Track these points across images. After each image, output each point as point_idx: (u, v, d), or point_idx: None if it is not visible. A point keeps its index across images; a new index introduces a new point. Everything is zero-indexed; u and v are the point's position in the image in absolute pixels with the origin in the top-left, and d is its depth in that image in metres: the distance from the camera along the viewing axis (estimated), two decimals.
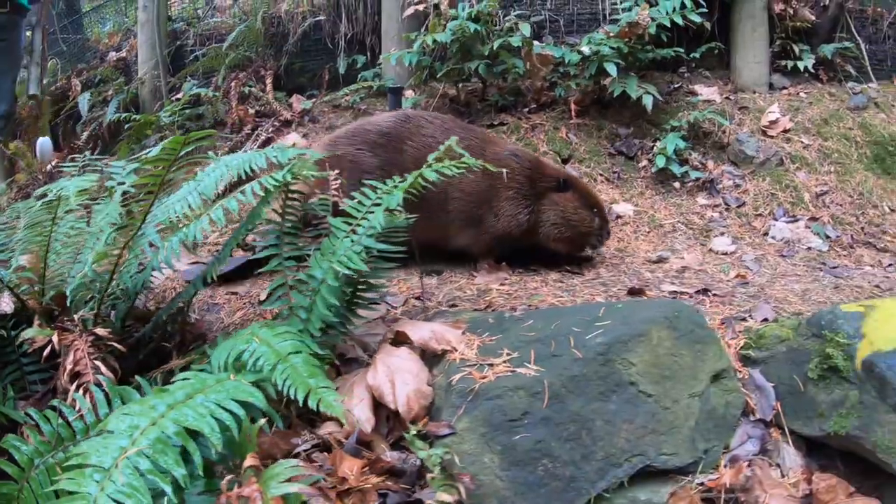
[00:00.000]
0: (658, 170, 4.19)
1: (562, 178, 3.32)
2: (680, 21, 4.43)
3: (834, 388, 2.16)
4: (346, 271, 2.22)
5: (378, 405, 2.15)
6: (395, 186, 2.41)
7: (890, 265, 3.80)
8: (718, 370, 2.23)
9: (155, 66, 6.00)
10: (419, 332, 2.36)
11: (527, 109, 4.73)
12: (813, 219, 4.08)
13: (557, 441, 1.95)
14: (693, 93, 4.81)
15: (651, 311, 2.24)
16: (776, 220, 4.03)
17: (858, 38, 5.63)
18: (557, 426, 1.96)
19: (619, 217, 3.93)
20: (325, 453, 2.00)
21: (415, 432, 2.03)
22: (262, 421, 1.79)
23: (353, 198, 2.48)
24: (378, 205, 2.39)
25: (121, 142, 5.53)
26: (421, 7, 4.84)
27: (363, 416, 2.10)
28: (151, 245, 2.29)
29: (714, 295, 2.95)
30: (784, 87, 5.14)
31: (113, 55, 6.84)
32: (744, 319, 2.64)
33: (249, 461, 1.63)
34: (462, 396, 2.04)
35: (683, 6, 4.47)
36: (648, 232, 3.87)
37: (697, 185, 4.25)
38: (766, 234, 3.96)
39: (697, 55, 5.04)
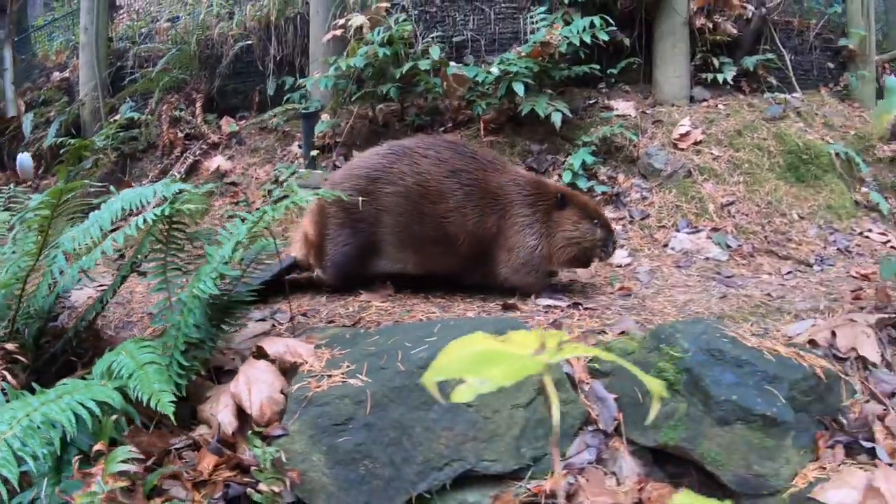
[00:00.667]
0: (566, 185, 4.40)
1: (559, 194, 3.29)
2: (589, 40, 4.65)
3: (668, 401, 2.35)
4: (202, 294, 2.47)
5: (241, 410, 2.41)
6: (244, 221, 2.64)
7: (789, 272, 3.99)
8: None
9: (95, 88, 6.24)
10: (275, 346, 2.60)
11: (443, 129, 4.96)
12: (715, 229, 4.28)
13: (378, 445, 2.16)
14: (609, 108, 5.03)
15: (481, 328, 2.44)
16: (678, 231, 4.24)
17: (783, 49, 5.87)
18: (379, 431, 2.17)
19: None
20: (196, 451, 2.32)
21: (255, 433, 2.31)
22: (116, 416, 2.14)
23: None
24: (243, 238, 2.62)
25: (59, 164, 5.76)
26: (339, 32, 5.06)
27: (226, 420, 2.38)
28: (62, 272, 2.66)
29: (586, 308, 3.14)
30: (704, 100, 5.37)
31: (57, 75, 7.08)
32: (602, 332, 2.82)
33: (99, 447, 2.01)
34: (298, 403, 2.29)
35: (593, 25, 4.70)
36: None
37: (605, 199, 4.47)
38: (666, 245, 4.15)
39: (616, 71, 5.27)
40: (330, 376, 2.35)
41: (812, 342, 2.66)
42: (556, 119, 4.51)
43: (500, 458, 2.24)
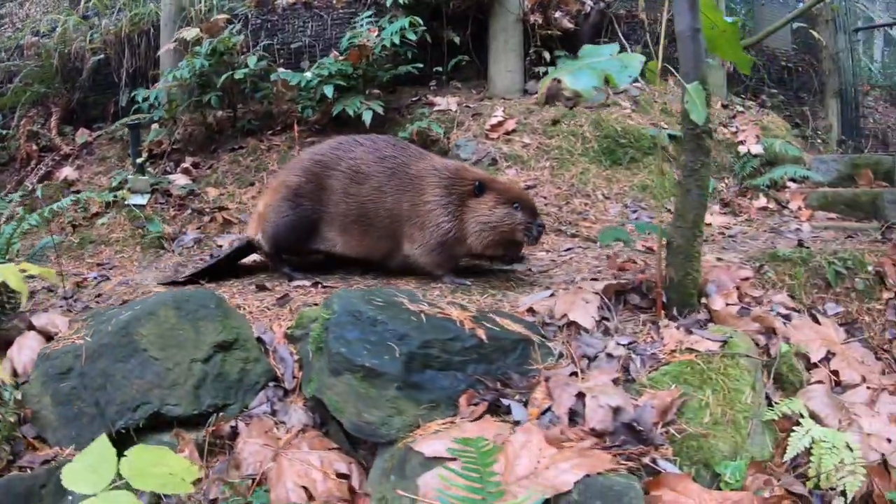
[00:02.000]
0: None
1: (477, 181, 3.43)
2: (398, 41, 5.15)
3: (315, 358, 2.76)
4: None
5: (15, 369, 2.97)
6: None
7: (568, 249, 4.42)
8: (224, 341, 2.87)
9: None
10: (40, 320, 3.15)
11: (270, 132, 5.46)
12: None
13: (88, 389, 2.68)
14: (431, 104, 5.53)
15: (167, 297, 2.94)
16: None
17: (626, 41, 6.36)
18: (90, 378, 2.69)
19: None
20: None
21: (15, 383, 2.85)
22: None
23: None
24: None
25: None
26: (172, 45, 5.58)
27: (5, 376, 2.87)
28: None
29: (324, 286, 3.61)
30: (536, 93, 5.88)
31: None
32: (315, 305, 3.28)
33: None
34: (41, 359, 2.85)
35: (403, 28, 5.21)
36: None
37: None
38: None
39: (448, 69, 5.77)
40: (69, 338, 2.89)
41: (531, 310, 3.10)
42: (367, 117, 5.00)
43: (180, 404, 2.70)
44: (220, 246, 4.66)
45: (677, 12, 2.90)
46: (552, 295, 3.23)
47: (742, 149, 5.93)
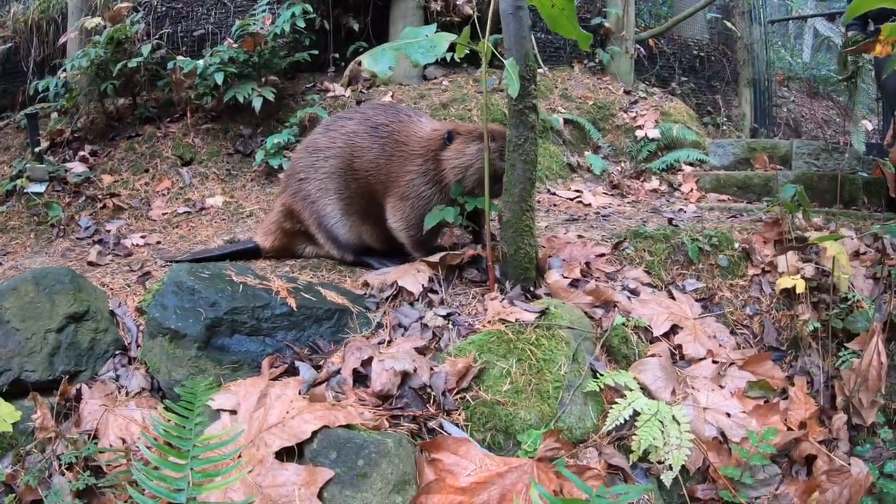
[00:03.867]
0: (257, 165, 4.77)
1: (446, 132, 3.19)
2: (287, 29, 5.03)
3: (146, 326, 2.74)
4: None
5: None
6: None
7: None
8: (75, 313, 2.80)
9: None
10: None
11: (169, 119, 5.30)
12: None
13: None
14: (326, 90, 5.40)
15: (27, 274, 2.86)
16: None
17: (533, 28, 6.28)
18: None
19: (203, 209, 4.49)
20: None
21: None
22: None
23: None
24: None
25: None
26: (73, 35, 5.40)
27: None
28: None
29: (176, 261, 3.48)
30: (435, 78, 5.76)
31: None
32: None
33: None
34: None
35: (294, 16, 5.07)
36: (226, 219, 4.43)
37: None
38: None
39: (345, 55, 5.64)
40: None
41: (365, 283, 3.02)
42: (257, 104, 4.86)
43: (37, 370, 2.68)
44: (109, 231, 4.51)
45: None
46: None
47: (640, 133, 5.86)
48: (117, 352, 2.86)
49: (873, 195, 5.03)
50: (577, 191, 4.92)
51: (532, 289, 3.00)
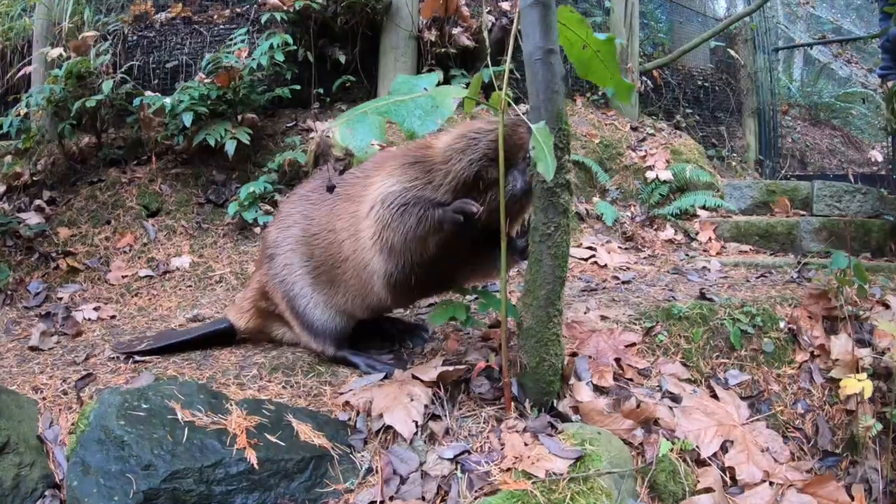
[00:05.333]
0: (231, 217, 4.06)
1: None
2: (266, 63, 4.33)
3: None
4: None
5: None
6: None
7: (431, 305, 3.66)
8: None
9: None
10: None
11: (136, 162, 4.58)
12: None
13: None
14: (308, 130, 4.70)
15: None
16: None
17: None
18: None
19: (168, 272, 3.78)
20: None
21: None
22: None
23: None
24: None
25: None
26: (30, 68, 4.68)
27: None
28: None
29: (137, 361, 2.79)
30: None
31: None
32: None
33: None
34: None
35: (273, 48, 4.37)
36: (192, 286, 3.72)
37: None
38: None
39: (331, 89, 4.95)
40: None
41: (347, 404, 2.32)
42: (231, 148, 4.17)
43: None
44: (61, 299, 3.79)
45: (525, 29, 2.12)
46: (385, 377, 2.45)
47: (650, 174, 5.20)
48: (47, 492, 2.17)
49: None
50: (589, 248, 4.24)
51: (556, 402, 2.33)
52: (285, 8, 4.75)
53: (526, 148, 2.18)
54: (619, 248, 4.34)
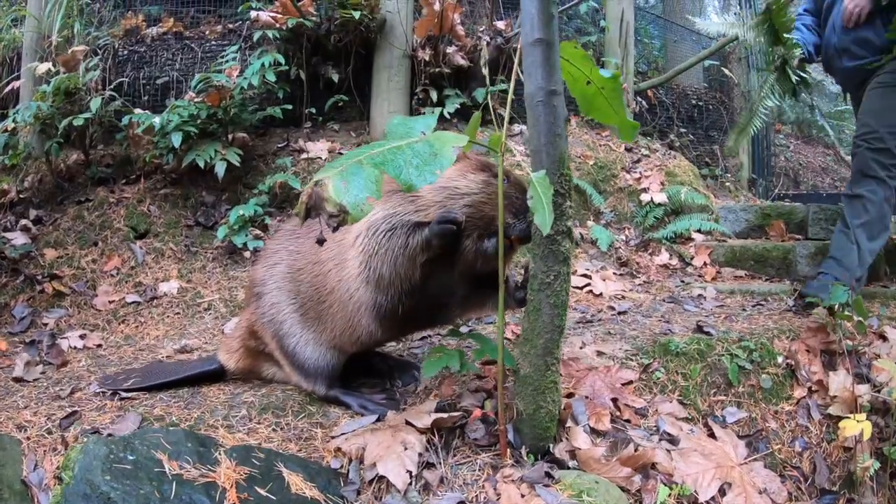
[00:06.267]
0: (219, 241, 3.99)
1: None
2: (257, 82, 4.26)
3: None
4: None
5: None
6: None
7: (424, 337, 3.60)
8: None
9: None
10: None
11: (125, 181, 4.50)
12: None
13: None
14: (300, 150, 4.63)
15: None
16: None
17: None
18: None
19: (155, 298, 3.70)
20: None
21: None
22: None
23: None
24: None
25: None
26: (17, 84, 4.60)
27: None
28: None
29: (123, 398, 2.72)
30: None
31: None
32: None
33: None
34: None
35: (264, 67, 4.31)
36: (180, 313, 3.64)
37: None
38: None
39: (323, 109, 4.89)
40: None
41: (339, 450, 2.25)
42: (220, 169, 4.10)
43: None
44: (46, 324, 3.70)
45: (527, 68, 2.07)
46: (378, 419, 2.39)
47: (645, 197, 5.16)
48: None
49: (893, 264, 4.52)
50: (584, 275, 4.19)
51: (552, 446, 2.27)
52: (278, 26, 4.69)
53: (512, 211, 2.20)
54: (615, 273, 4.29)
